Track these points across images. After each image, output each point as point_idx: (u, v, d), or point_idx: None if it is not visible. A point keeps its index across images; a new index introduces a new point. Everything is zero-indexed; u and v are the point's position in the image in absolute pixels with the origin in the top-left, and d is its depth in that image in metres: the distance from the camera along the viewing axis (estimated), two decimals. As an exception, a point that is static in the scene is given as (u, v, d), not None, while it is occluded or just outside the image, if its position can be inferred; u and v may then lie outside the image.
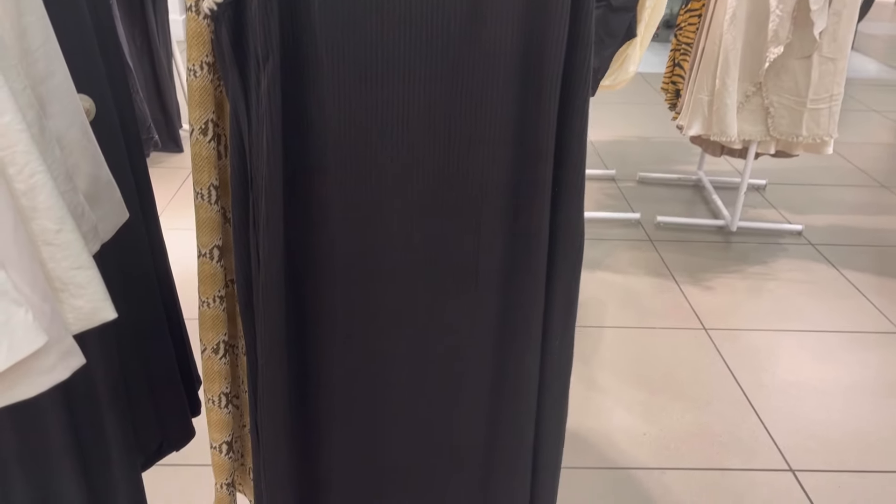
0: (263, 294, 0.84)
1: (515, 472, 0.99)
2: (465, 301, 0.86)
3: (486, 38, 0.73)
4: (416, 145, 0.77)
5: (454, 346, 0.89)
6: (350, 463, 0.99)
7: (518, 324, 0.88)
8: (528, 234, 0.83)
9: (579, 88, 0.77)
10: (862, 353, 2.27)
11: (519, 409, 0.92)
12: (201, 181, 1.03)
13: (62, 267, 0.82)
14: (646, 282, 2.62)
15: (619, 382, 2.11)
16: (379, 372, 0.93)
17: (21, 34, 0.86)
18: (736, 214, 2.94)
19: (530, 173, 0.79)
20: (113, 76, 1.17)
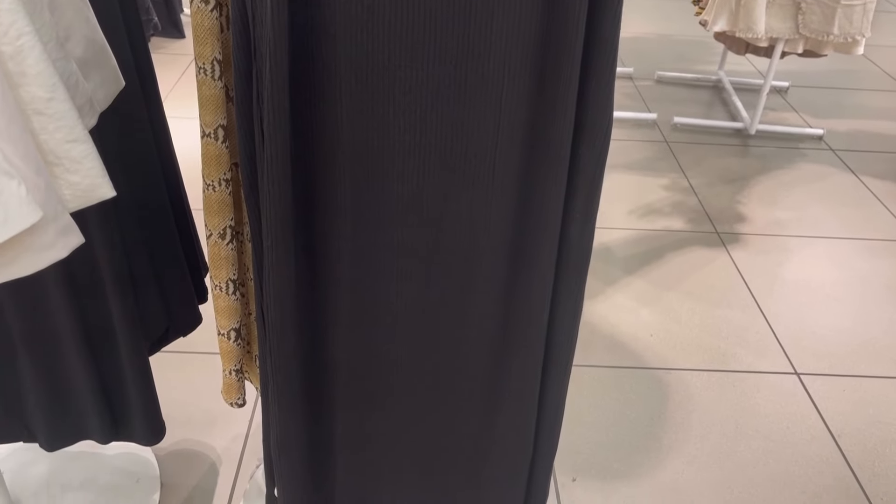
0: (268, 171, 0.80)
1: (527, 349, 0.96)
2: (480, 191, 0.81)
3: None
4: (432, 9, 0.71)
5: (468, 237, 0.85)
6: (357, 349, 0.97)
7: (536, 211, 0.83)
8: (552, 112, 0.77)
9: None
10: (875, 260, 2.23)
11: (532, 302, 0.89)
12: (204, 55, 0.97)
13: (56, 139, 0.78)
14: (660, 183, 2.57)
15: (630, 283, 2.09)
16: (389, 256, 0.89)
17: None
18: (756, 117, 2.85)
19: (559, 41, 0.73)
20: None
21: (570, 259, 0.86)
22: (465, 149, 0.80)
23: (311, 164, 0.83)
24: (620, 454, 1.56)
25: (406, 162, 0.81)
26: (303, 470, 1.07)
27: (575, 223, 0.83)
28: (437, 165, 0.81)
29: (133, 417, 1.27)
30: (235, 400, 1.23)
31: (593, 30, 0.74)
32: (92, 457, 1.49)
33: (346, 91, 0.76)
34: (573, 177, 0.81)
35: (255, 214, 0.93)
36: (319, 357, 0.96)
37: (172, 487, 1.44)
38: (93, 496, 1.41)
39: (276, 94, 0.75)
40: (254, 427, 1.58)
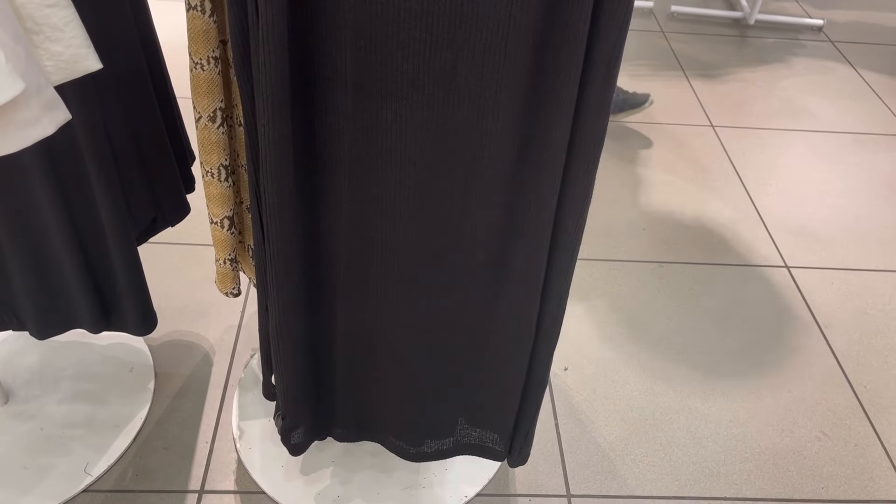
0: (263, 44, 0.74)
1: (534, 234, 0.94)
2: (491, 66, 0.77)
3: None
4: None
5: (475, 117, 0.81)
6: (358, 235, 0.94)
7: (549, 89, 0.79)
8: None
9: None
10: (869, 154, 2.22)
11: (542, 186, 0.86)
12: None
13: (34, 3, 0.71)
14: (655, 75, 2.50)
15: (621, 173, 2.06)
16: (391, 136, 0.85)
17: None
18: (756, 6, 2.76)
19: None
20: None
21: (582, 142, 0.83)
22: (475, 17, 0.75)
23: (310, 34, 0.77)
24: (611, 344, 1.57)
25: (412, 31, 0.76)
26: (301, 357, 1.06)
27: (591, 107, 0.79)
28: (445, 35, 0.76)
29: (124, 307, 1.25)
30: (230, 290, 1.20)
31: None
32: (84, 346, 1.48)
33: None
34: (591, 54, 0.76)
35: (248, 91, 0.87)
36: (318, 242, 0.93)
37: (167, 376, 1.44)
38: (87, 385, 1.40)
39: None
40: (246, 317, 1.57)
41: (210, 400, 1.40)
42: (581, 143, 0.83)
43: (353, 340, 1.06)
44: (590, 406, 1.44)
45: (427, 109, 0.80)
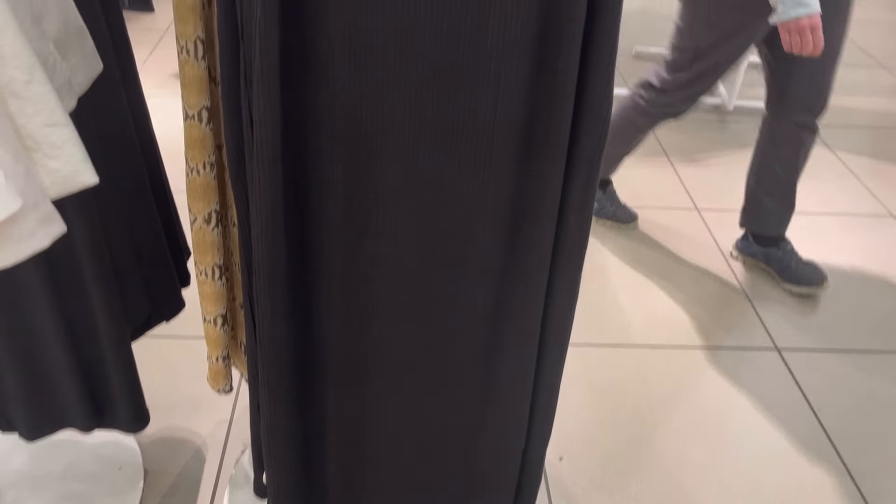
0: (258, 158, 0.77)
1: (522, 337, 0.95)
2: (477, 172, 0.80)
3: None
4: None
5: (463, 222, 0.83)
6: (349, 337, 0.95)
7: (533, 196, 0.82)
8: (551, 96, 0.75)
9: None
10: (853, 235, 2.26)
11: (529, 289, 0.88)
12: (186, 33, 0.93)
13: (34, 123, 0.74)
14: (640, 160, 2.57)
15: (613, 262, 2.09)
16: (382, 248, 0.87)
17: None
18: (733, 93, 2.86)
19: (559, 26, 0.71)
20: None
21: (566, 245, 0.85)
22: (461, 128, 0.78)
23: (302, 148, 0.81)
24: (607, 432, 1.56)
25: (400, 142, 0.79)
26: (293, 456, 1.05)
27: (573, 210, 0.82)
28: (433, 145, 0.79)
29: (116, 404, 1.25)
30: (223, 387, 1.20)
31: (594, 16, 0.73)
32: (73, 445, 1.46)
33: (339, 72, 0.74)
34: (572, 162, 0.80)
35: (243, 200, 0.90)
36: (310, 345, 0.94)
37: (157, 474, 1.42)
38: (76, 485, 1.38)
39: (266, 75, 0.72)
40: (238, 412, 1.56)
41: (201, 498, 1.38)
42: (565, 248, 0.86)
43: (345, 439, 1.06)
44: (586, 496, 1.42)
45: (416, 217, 0.82)
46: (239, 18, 0.76)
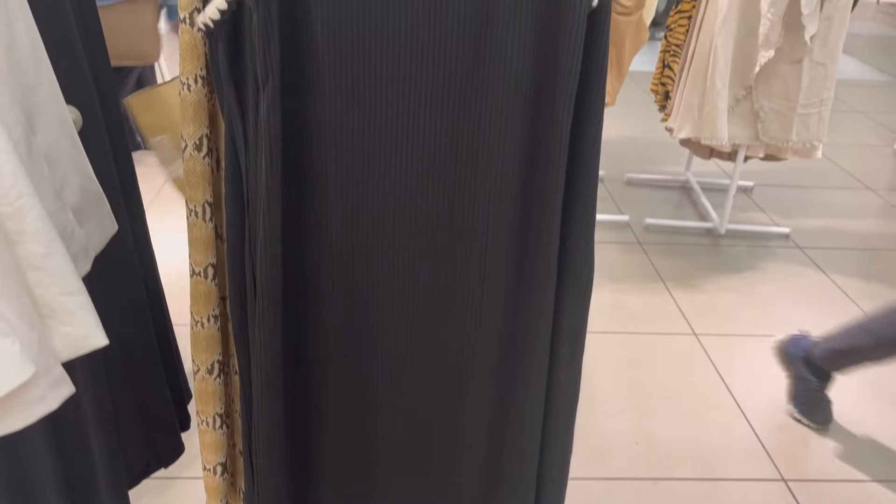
0: (260, 319, 0.81)
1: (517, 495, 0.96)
2: (466, 328, 0.83)
3: (495, 62, 0.71)
4: (419, 170, 0.75)
5: (457, 376, 0.86)
6: (346, 490, 0.96)
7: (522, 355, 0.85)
8: (535, 263, 0.80)
9: (591, 119, 0.74)
10: (851, 359, 2.26)
11: (523, 445, 0.90)
12: (195, 198, 0.99)
13: (51, 293, 0.79)
14: (635, 285, 2.61)
15: (611, 389, 2.09)
16: (379, 398, 0.90)
17: (10, 46, 0.83)
18: (724, 217, 2.94)
19: (539, 201, 0.77)
20: (100, 82, 1.13)
21: (558, 402, 0.88)
22: (451, 285, 0.82)
23: (303, 311, 0.85)
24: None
25: (396, 303, 0.83)
26: None
27: (561, 366, 0.85)
28: (425, 302, 0.83)
29: (111, 556, 1.23)
30: (220, 536, 1.19)
31: (570, 190, 0.78)
32: None
33: (336, 246, 0.79)
34: (558, 319, 0.83)
35: (245, 354, 0.94)
36: (308, 499, 0.95)
37: None
38: None
39: (270, 245, 0.77)
40: (236, 557, 1.53)
41: None
42: (557, 404, 0.88)
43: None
44: None
45: (414, 373, 0.85)
46: (245, 191, 0.82)
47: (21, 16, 0.84)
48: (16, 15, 0.83)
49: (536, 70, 0.72)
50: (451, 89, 0.72)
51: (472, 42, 0.70)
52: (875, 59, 5.90)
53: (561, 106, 0.73)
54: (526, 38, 0.71)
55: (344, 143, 0.73)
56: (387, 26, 0.69)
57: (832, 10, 2.46)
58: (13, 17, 0.82)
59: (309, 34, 0.69)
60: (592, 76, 0.74)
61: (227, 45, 0.73)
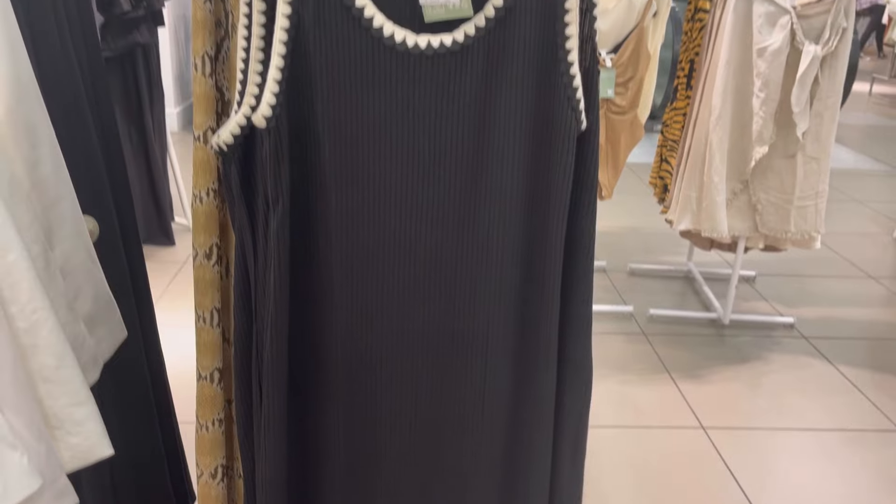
0: (265, 433, 0.82)
1: None
2: (469, 442, 0.84)
3: (493, 178, 0.75)
4: (423, 281, 0.77)
5: (459, 483, 0.87)
6: None
7: (525, 457, 0.86)
8: (535, 363, 0.82)
9: (582, 247, 0.78)
10: (862, 452, 2.24)
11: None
12: (204, 304, 1.02)
13: (60, 404, 0.80)
14: (641, 377, 2.60)
15: (618, 486, 2.06)
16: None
17: (34, 165, 0.87)
18: (728, 307, 2.95)
19: (536, 307, 0.79)
20: (117, 192, 1.17)
21: (562, 501, 0.88)
22: (453, 393, 0.84)
23: (308, 424, 0.86)
24: None
25: (400, 423, 0.85)
26: None
27: (564, 470, 0.85)
28: (428, 421, 0.85)
29: None
30: None
31: (566, 303, 0.81)
32: None
33: (342, 356, 0.81)
34: (559, 425, 0.84)
35: (249, 462, 0.94)
36: None
37: None
38: None
39: (277, 359, 0.79)
40: None
41: None
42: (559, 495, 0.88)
43: None
44: None
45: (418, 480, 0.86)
46: (253, 301, 0.85)
47: (47, 136, 0.89)
48: (42, 136, 0.88)
49: (531, 186, 0.76)
50: (451, 202, 0.75)
51: (471, 160, 0.74)
52: (870, 148, 6.03)
53: (554, 219, 0.76)
54: (521, 158, 0.75)
55: (350, 257, 0.76)
56: (390, 150, 0.73)
57: (822, 108, 2.54)
58: (40, 138, 0.87)
59: (318, 157, 0.73)
60: (584, 193, 0.78)
61: (239, 166, 0.77)
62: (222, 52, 0.98)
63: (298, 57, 0.71)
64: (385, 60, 0.71)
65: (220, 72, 0.98)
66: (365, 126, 0.73)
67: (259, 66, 0.74)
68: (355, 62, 0.71)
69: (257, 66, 0.74)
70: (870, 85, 8.48)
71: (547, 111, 0.73)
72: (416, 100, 0.72)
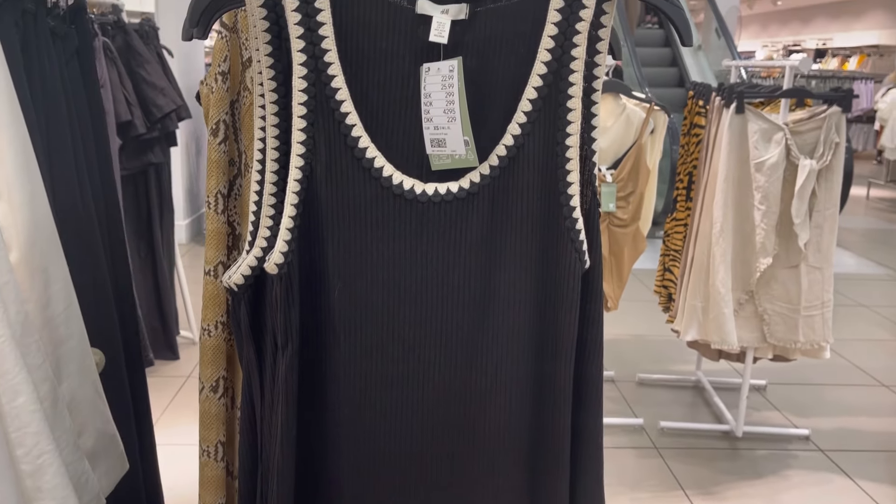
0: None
1: None
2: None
3: (500, 322, 0.76)
4: (428, 427, 0.77)
5: None
6: None
7: None
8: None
9: (591, 362, 0.78)
10: (890, 575, 2.14)
11: None
12: (208, 438, 1.01)
13: None
14: (654, 494, 2.52)
15: None
16: None
17: (46, 304, 0.89)
18: (740, 419, 2.90)
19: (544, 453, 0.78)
20: (125, 323, 1.18)
21: None
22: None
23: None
24: None
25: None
26: None
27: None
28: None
29: None
30: None
31: (577, 446, 0.80)
32: None
33: (348, 500, 0.79)
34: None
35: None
36: None
37: None
38: None
39: (282, 502, 0.78)
40: None
41: None
42: None
43: None
44: None
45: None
46: (259, 439, 0.84)
47: (60, 275, 0.91)
48: (56, 276, 0.89)
49: (538, 326, 0.76)
50: (459, 344, 0.76)
51: (478, 303, 0.76)
52: (872, 252, 6.07)
53: (563, 358, 0.77)
54: (527, 299, 0.76)
55: (358, 400, 0.76)
56: (399, 294, 0.75)
57: (821, 220, 2.58)
58: (53, 278, 0.89)
59: (327, 301, 0.75)
60: (590, 327, 0.78)
61: (248, 307, 0.78)
62: (235, 188, 1.02)
63: (310, 206, 0.73)
64: (394, 208, 0.73)
65: (231, 207, 1.01)
66: (374, 271, 0.74)
67: (271, 210, 0.76)
68: (365, 210, 0.73)
69: (269, 210, 0.76)
70: (867, 189, 8.63)
71: (552, 253, 0.75)
72: (424, 245, 0.74)
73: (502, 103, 0.75)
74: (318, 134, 0.73)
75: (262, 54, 0.76)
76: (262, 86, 0.78)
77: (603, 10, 0.75)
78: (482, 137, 0.75)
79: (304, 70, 0.73)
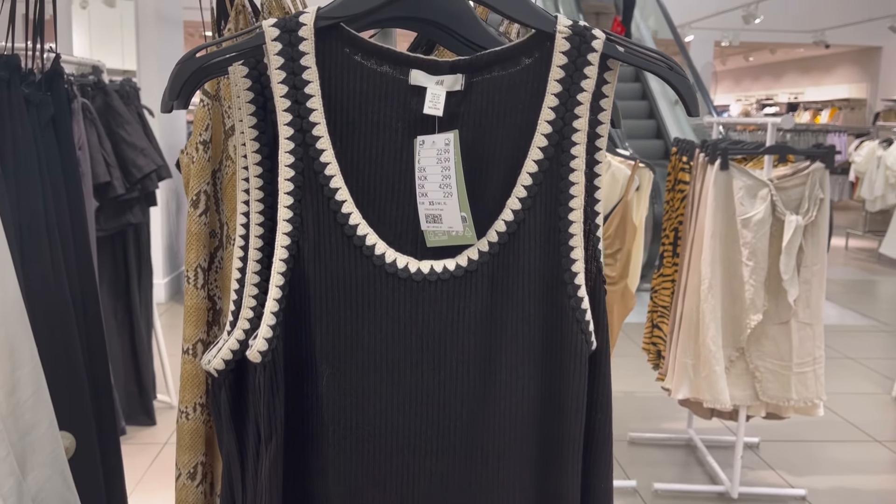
0: None
1: None
2: None
3: (501, 409, 0.71)
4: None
5: None
6: None
7: None
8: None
9: (599, 463, 0.73)
10: None
11: None
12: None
13: None
14: (651, 562, 2.43)
15: None
16: None
17: (12, 389, 0.83)
18: (735, 480, 2.83)
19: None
20: (100, 401, 1.12)
21: None
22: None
23: None
24: None
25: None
26: None
27: None
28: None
29: None
30: None
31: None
32: None
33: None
34: None
35: None
36: None
37: None
38: None
39: None
40: None
41: None
42: None
43: None
44: None
45: None
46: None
47: (28, 358, 0.85)
48: (23, 359, 0.84)
49: (542, 414, 0.72)
50: (457, 434, 0.71)
51: (477, 389, 0.71)
52: (855, 302, 6.08)
53: (569, 449, 0.72)
54: (530, 385, 0.71)
55: (347, 496, 0.70)
56: (392, 379, 0.70)
57: (809, 275, 2.57)
58: (21, 361, 0.83)
59: (314, 389, 0.70)
60: (597, 413, 0.74)
61: (230, 393, 0.73)
62: (216, 261, 0.97)
63: (297, 286, 0.69)
64: (387, 287, 0.69)
65: (212, 281, 0.96)
66: (366, 356, 0.69)
67: (254, 289, 0.72)
68: (356, 290, 0.69)
69: (252, 289, 0.72)
70: (846, 240, 8.72)
71: (556, 335, 0.71)
72: (419, 327, 0.69)
73: (501, 177, 0.71)
74: (305, 210, 0.69)
75: (247, 126, 0.73)
76: (246, 158, 0.74)
77: (605, 80, 0.73)
78: (480, 212, 0.71)
79: (292, 144, 0.69)
